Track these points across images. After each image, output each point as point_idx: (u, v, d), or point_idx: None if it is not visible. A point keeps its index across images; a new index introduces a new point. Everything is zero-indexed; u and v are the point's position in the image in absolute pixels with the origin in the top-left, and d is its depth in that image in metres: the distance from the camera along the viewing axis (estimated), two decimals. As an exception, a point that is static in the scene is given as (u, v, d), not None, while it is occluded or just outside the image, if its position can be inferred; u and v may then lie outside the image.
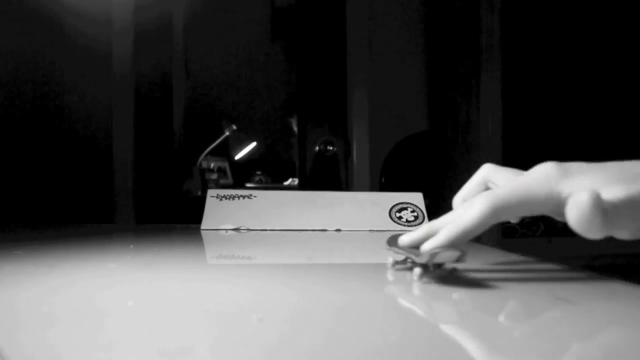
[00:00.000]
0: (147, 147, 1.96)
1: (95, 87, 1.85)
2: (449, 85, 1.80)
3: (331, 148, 1.93)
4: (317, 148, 1.95)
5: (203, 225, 0.71)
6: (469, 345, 0.26)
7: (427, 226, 0.41)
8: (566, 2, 1.72)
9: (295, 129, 2.28)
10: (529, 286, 0.42)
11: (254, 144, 2.88)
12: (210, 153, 2.75)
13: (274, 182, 3.00)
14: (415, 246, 0.40)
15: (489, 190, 0.39)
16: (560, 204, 0.35)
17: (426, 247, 0.38)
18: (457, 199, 0.46)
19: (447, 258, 0.37)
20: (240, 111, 3.07)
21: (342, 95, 1.95)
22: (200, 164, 2.70)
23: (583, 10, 1.71)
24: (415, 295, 0.38)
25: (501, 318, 0.31)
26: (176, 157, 2.56)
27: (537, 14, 1.71)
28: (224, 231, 0.70)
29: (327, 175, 1.93)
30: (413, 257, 0.39)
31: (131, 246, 0.64)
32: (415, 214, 0.75)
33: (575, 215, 0.33)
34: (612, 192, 0.34)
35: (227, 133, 2.73)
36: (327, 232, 0.70)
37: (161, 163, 2.16)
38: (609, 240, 0.38)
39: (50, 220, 1.67)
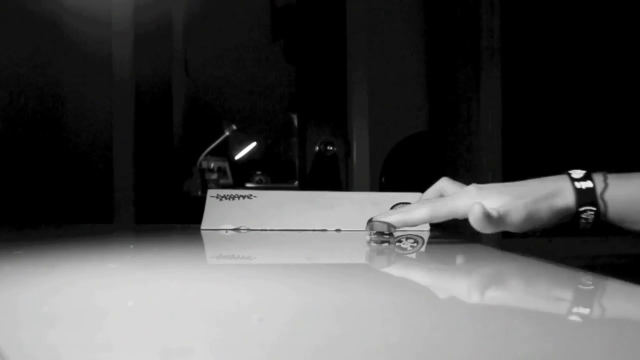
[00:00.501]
0: (147, 147, 1.96)
1: (95, 87, 1.85)
2: (449, 86, 1.80)
3: (331, 148, 1.93)
4: (317, 148, 1.94)
5: (203, 225, 0.71)
6: (470, 347, 0.26)
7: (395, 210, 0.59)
8: (567, 3, 1.72)
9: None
10: (528, 286, 0.42)
11: (254, 144, 2.87)
12: (210, 153, 2.74)
13: (274, 182, 3.00)
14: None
15: (435, 200, 0.58)
16: None
17: (375, 217, 0.57)
18: (423, 198, 0.64)
19: (379, 228, 0.57)
20: (240, 111, 3.07)
21: (342, 95, 1.95)
22: (200, 164, 2.70)
23: (583, 10, 1.71)
24: (416, 295, 0.38)
25: (501, 318, 0.31)
26: (176, 157, 2.55)
27: (537, 15, 1.71)
28: (224, 231, 0.70)
29: (327, 176, 1.93)
30: (368, 227, 0.57)
31: (131, 246, 0.64)
32: None
33: (471, 218, 0.52)
34: (499, 204, 0.53)
35: (227, 133, 2.73)
36: (327, 232, 0.70)
37: (161, 163, 2.16)
38: (609, 241, 0.41)
39: (51, 220, 1.67)
